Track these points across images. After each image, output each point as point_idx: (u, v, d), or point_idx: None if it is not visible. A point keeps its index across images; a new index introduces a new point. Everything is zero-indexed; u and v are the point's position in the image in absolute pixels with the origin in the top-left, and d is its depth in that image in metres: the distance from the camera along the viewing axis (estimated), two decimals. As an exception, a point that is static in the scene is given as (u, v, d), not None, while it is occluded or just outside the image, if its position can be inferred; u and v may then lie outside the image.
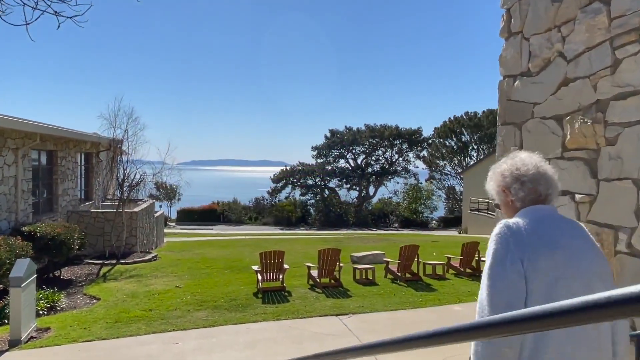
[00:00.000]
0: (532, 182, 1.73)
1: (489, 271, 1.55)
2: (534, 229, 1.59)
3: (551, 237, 1.57)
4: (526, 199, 1.72)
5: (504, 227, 1.61)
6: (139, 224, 16.35)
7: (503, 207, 1.83)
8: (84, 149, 17.70)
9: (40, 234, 10.89)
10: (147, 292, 9.54)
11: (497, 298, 1.48)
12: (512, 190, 1.75)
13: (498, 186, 1.82)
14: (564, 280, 1.50)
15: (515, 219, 1.67)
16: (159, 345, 6.24)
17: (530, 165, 1.75)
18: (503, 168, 1.81)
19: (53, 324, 7.25)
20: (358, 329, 6.98)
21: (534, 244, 1.54)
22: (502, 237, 1.58)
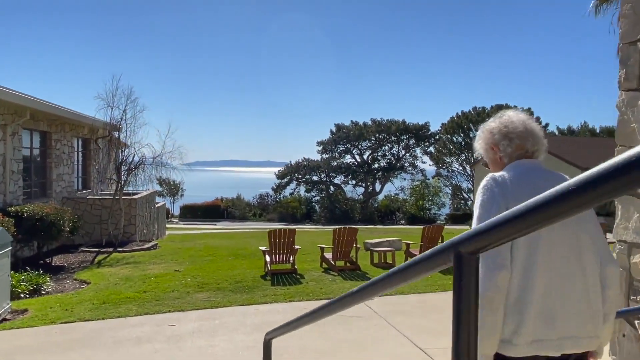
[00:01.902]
0: (519, 139, 1.77)
1: (477, 221, 1.60)
2: (519, 179, 1.65)
3: (535, 186, 1.60)
4: (513, 155, 1.76)
5: (490, 179, 1.67)
6: (139, 211, 15.39)
7: (491, 164, 1.86)
8: (81, 133, 16.75)
9: (27, 214, 9.95)
10: (142, 275, 8.58)
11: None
12: (500, 146, 1.79)
13: (487, 144, 1.84)
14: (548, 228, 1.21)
15: (501, 172, 1.71)
16: (151, 327, 5.28)
17: (518, 122, 1.80)
18: (492, 126, 1.84)
19: (32, 306, 6.30)
20: (384, 311, 6.00)
21: (518, 192, 1.59)
22: (488, 188, 1.64)
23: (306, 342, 4.77)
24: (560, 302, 1.58)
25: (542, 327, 1.56)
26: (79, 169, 17.34)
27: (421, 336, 4.92)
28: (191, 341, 4.82)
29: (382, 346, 4.80)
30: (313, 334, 5.06)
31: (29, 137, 13.12)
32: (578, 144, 31.60)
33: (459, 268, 0.92)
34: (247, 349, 4.60)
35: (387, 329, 5.29)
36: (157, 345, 4.70)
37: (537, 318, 1.56)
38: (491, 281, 1.51)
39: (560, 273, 1.59)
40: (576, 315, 1.59)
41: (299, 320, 2.11)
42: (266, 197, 49.88)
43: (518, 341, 1.56)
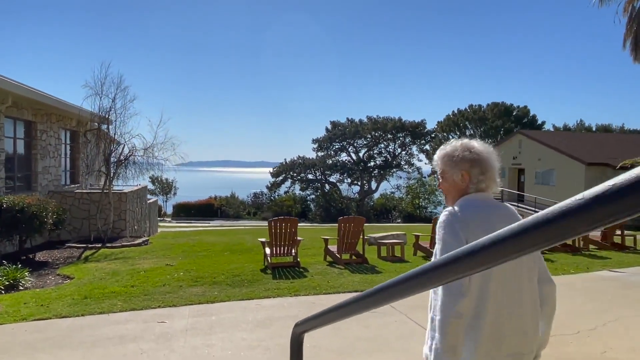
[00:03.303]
0: (492, 173, 1.85)
1: (440, 253, 1.68)
2: (476, 215, 1.73)
3: (490, 223, 1.69)
4: (479, 187, 1.82)
5: (449, 215, 1.74)
6: (129, 206, 14.64)
7: (452, 187, 1.86)
8: (69, 125, 15.96)
9: (7, 205, 9.20)
10: (131, 270, 7.86)
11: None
12: (472, 176, 1.82)
13: (460, 169, 1.83)
14: None
15: (458, 206, 1.78)
16: (137, 324, 4.58)
17: (491, 158, 1.86)
18: (471, 153, 1.84)
19: (4, 301, 5.58)
20: (402, 305, 5.34)
21: (476, 229, 1.67)
22: (449, 223, 1.71)
23: (318, 341, 4.11)
24: (508, 321, 1.69)
25: (493, 347, 1.67)
26: (66, 163, 16.55)
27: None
28: (184, 340, 4.13)
29: (406, 345, 4.14)
30: (324, 331, 4.39)
31: (12, 127, 12.35)
32: (580, 139, 31.16)
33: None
34: (249, 349, 3.92)
35: (409, 326, 4.64)
36: (144, 344, 4.01)
37: (489, 339, 1.66)
38: (454, 309, 1.58)
39: (508, 295, 1.70)
40: (520, 333, 1.71)
41: (341, 309, 1.44)
42: (260, 195, 49.15)
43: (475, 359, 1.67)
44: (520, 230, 0.71)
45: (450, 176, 1.86)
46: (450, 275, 0.92)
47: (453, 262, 0.88)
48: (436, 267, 0.96)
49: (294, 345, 1.64)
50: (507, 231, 0.75)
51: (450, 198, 1.88)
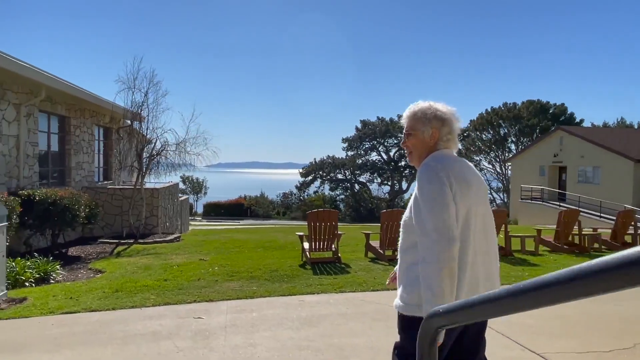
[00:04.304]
0: (456, 134, 1.96)
1: (431, 202, 1.73)
2: (453, 167, 1.82)
3: (464, 174, 1.83)
4: (447, 145, 1.92)
5: (431, 167, 1.80)
6: (161, 203, 14.44)
7: (420, 144, 1.93)
8: (102, 122, 15.91)
9: (39, 197, 9.01)
10: (163, 264, 7.52)
11: (443, 224, 1.70)
12: (442, 134, 1.91)
13: (432, 127, 1.90)
14: (474, 207, 1.82)
15: (433, 159, 1.85)
16: (172, 319, 4.16)
17: (458, 123, 1.98)
18: (442, 112, 1.93)
19: (33, 294, 5.27)
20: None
21: (457, 179, 1.78)
22: (435, 173, 1.77)
23: (376, 342, 3.60)
24: (482, 267, 1.85)
25: (472, 289, 1.78)
26: (99, 159, 16.51)
27: (530, 337, 3.70)
28: (224, 338, 3.68)
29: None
30: (381, 331, 3.88)
31: (47, 121, 12.27)
32: (627, 135, 29.57)
33: None
34: (298, 350, 3.43)
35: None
36: (180, 342, 3.57)
37: (469, 283, 1.77)
38: (449, 253, 1.68)
39: (481, 244, 1.85)
40: (490, 277, 1.88)
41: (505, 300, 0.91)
42: (290, 195, 48.89)
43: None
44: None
45: (420, 133, 1.91)
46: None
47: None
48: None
49: (425, 341, 1.12)
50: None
51: (417, 156, 1.94)
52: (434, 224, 1.68)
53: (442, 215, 1.69)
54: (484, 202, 1.89)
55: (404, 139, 2.00)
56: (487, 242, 1.88)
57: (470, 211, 1.78)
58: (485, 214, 1.88)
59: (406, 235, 1.85)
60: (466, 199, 1.77)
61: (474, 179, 1.87)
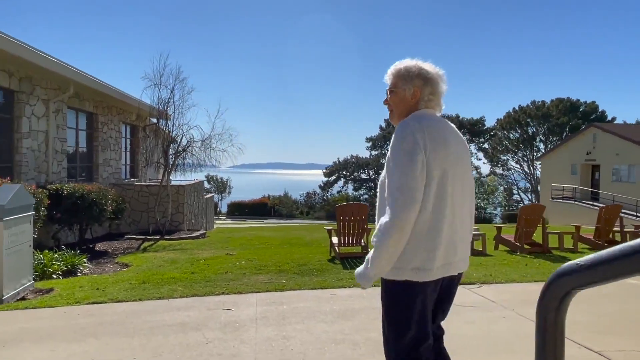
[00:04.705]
0: (440, 95, 1.91)
1: (401, 160, 1.71)
2: (432, 128, 1.78)
3: (444, 136, 1.79)
4: (428, 105, 1.88)
5: (411, 124, 1.76)
6: (187, 200, 14.44)
7: (401, 102, 1.90)
8: (129, 119, 16.01)
9: (67, 192, 9.03)
10: (190, 258, 7.41)
11: (407, 185, 1.67)
12: (423, 93, 1.87)
13: (414, 85, 1.87)
14: (452, 169, 1.77)
15: (414, 119, 1.80)
16: (200, 311, 3.99)
17: (443, 84, 1.92)
18: (426, 71, 1.89)
19: (60, 285, 5.19)
20: (503, 300, 4.49)
21: (434, 140, 1.74)
22: (410, 133, 1.73)
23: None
24: (460, 230, 1.83)
25: (449, 252, 1.78)
26: (126, 157, 16.62)
27: (584, 335, 3.40)
28: (255, 330, 3.49)
29: (531, 346, 3.30)
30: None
31: (75, 118, 12.36)
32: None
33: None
34: (334, 343, 3.21)
35: (523, 323, 3.78)
36: (209, 333, 3.40)
37: (446, 245, 1.76)
38: (405, 214, 1.65)
39: (457, 206, 1.81)
40: (466, 241, 1.89)
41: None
42: (313, 195, 48.76)
43: (432, 265, 1.72)
44: None
45: (402, 91, 1.88)
46: None
47: None
48: None
49: (552, 305, 0.87)
50: None
51: (397, 114, 1.91)
52: (398, 183, 1.68)
53: (407, 174, 1.68)
54: (463, 165, 1.86)
55: (387, 97, 1.95)
56: (465, 205, 1.86)
57: (446, 173, 1.75)
58: (464, 177, 1.86)
59: (382, 194, 1.81)
60: (442, 161, 1.74)
61: (454, 141, 1.84)
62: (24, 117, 9.44)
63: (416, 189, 1.66)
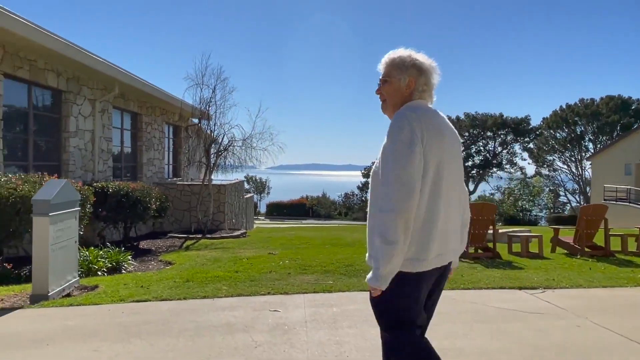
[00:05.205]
0: (433, 87, 1.91)
1: (400, 151, 1.68)
2: (427, 118, 1.77)
3: (439, 127, 1.79)
4: (422, 96, 1.87)
5: (408, 114, 1.75)
6: (228, 199, 14.45)
7: (396, 92, 1.88)
8: (172, 120, 16.21)
9: (112, 190, 9.12)
10: (233, 257, 7.28)
11: (406, 176, 1.65)
12: (418, 84, 1.86)
13: (409, 76, 1.86)
14: (448, 161, 1.78)
15: (410, 109, 1.79)
16: (246, 311, 3.80)
17: (436, 76, 1.91)
18: (421, 62, 1.88)
19: (105, 282, 5.13)
20: (572, 306, 4.09)
21: (430, 131, 1.73)
22: (407, 123, 1.71)
23: (486, 347, 3.04)
24: (452, 222, 1.83)
25: (443, 243, 1.78)
26: (169, 156, 16.84)
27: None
28: (305, 334, 3.26)
29: (612, 357, 2.93)
30: (486, 334, 3.31)
31: (120, 118, 12.56)
32: None
33: None
34: (392, 351, 2.94)
35: (602, 333, 3.39)
36: (257, 336, 3.19)
37: (440, 235, 1.76)
38: (408, 203, 1.64)
39: (450, 198, 1.81)
40: (457, 232, 1.90)
41: None
42: (352, 196, 48.43)
43: (426, 256, 1.73)
44: None
45: (397, 81, 1.86)
46: None
47: None
48: None
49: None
50: None
51: (391, 105, 1.88)
52: (397, 174, 1.65)
53: (406, 165, 1.65)
54: (457, 158, 1.86)
55: (379, 86, 1.92)
56: (455, 196, 1.85)
57: (442, 164, 1.74)
58: (457, 168, 1.87)
59: (376, 186, 1.79)
60: (439, 152, 1.73)
61: (448, 133, 1.83)
62: (71, 117, 9.60)
63: (416, 180, 1.65)
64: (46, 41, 7.63)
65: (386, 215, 1.62)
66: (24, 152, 8.43)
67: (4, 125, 7.52)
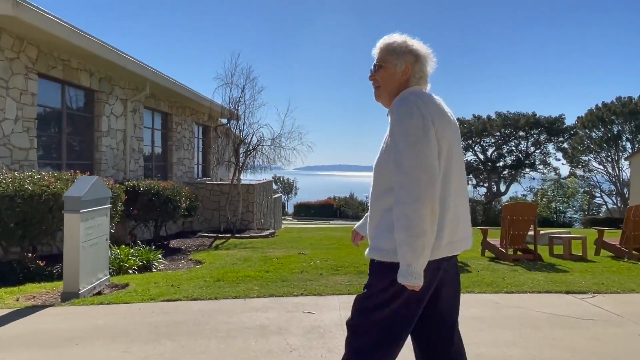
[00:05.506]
0: (428, 74, 1.84)
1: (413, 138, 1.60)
2: (433, 103, 1.71)
3: (445, 112, 1.74)
4: (419, 83, 1.80)
5: (414, 100, 1.67)
6: (256, 199, 14.42)
7: (392, 79, 1.81)
8: (201, 120, 16.30)
9: (143, 188, 9.15)
10: (263, 257, 7.17)
11: (426, 161, 1.57)
12: (414, 70, 1.80)
13: (405, 62, 1.79)
14: (454, 146, 1.73)
15: (413, 94, 1.72)
16: (279, 313, 3.65)
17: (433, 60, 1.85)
18: (417, 48, 1.82)
19: (135, 280, 5.07)
20: (629, 313, 3.79)
21: (439, 116, 1.68)
22: (416, 108, 1.64)
23: (539, 356, 2.80)
24: (462, 209, 1.76)
25: (454, 230, 1.69)
26: (198, 156, 16.95)
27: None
28: (341, 338, 3.08)
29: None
30: (538, 342, 3.06)
31: (150, 117, 12.66)
32: None
33: None
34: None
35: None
36: (292, 339, 3.03)
37: (451, 222, 1.67)
38: (432, 191, 1.55)
39: (460, 185, 1.77)
40: (467, 219, 1.80)
41: None
42: (380, 197, 47.96)
43: (438, 244, 1.63)
44: None
45: (392, 66, 1.79)
46: None
47: None
48: None
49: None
50: None
51: (386, 91, 1.81)
52: (415, 162, 1.57)
53: (424, 151, 1.57)
54: (459, 143, 1.82)
55: (373, 72, 1.83)
56: (463, 182, 1.82)
57: (451, 149, 1.70)
58: (461, 155, 1.84)
59: (380, 179, 1.71)
60: (448, 136, 1.68)
61: (452, 118, 1.79)
62: (104, 116, 9.69)
63: (435, 165, 1.58)
64: (80, 41, 7.68)
65: (409, 207, 1.52)
66: (58, 152, 8.52)
67: (38, 125, 7.60)
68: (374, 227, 1.73)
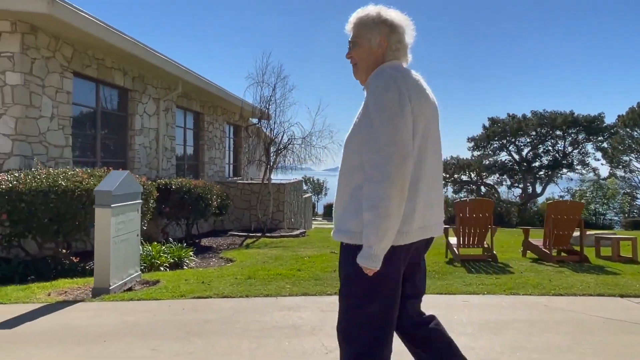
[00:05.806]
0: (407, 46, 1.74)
1: (387, 113, 1.52)
2: (410, 77, 1.63)
3: (423, 88, 1.65)
4: (396, 55, 1.71)
5: (393, 74, 1.59)
6: (287, 198, 14.35)
7: (367, 54, 1.71)
8: (232, 120, 16.34)
9: (175, 186, 9.16)
10: (294, 255, 7.03)
11: (400, 138, 1.49)
12: (390, 42, 1.70)
13: (380, 34, 1.69)
14: (432, 125, 1.65)
15: (393, 67, 1.64)
16: (313, 312, 3.49)
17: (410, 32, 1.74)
18: (392, 17, 1.71)
19: (166, 277, 5.00)
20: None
21: (416, 91, 1.59)
22: (393, 81, 1.56)
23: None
24: (435, 192, 1.68)
25: (426, 214, 1.62)
26: (229, 156, 17.00)
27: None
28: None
29: None
30: (599, 348, 2.79)
31: (183, 117, 12.74)
32: None
33: None
34: (487, 364, 2.51)
35: None
36: (327, 340, 2.86)
37: (423, 206, 1.60)
38: (403, 169, 1.47)
39: (435, 168, 1.67)
40: (439, 205, 1.73)
41: None
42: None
43: (410, 228, 1.56)
44: None
45: (367, 41, 1.69)
46: None
47: None
48: None
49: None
50: None
51: (363, 68, 1.71)
52: (388, 138, 1.49)
53: (398, 128, 1.49)
54: (437, 124, 1.72)
55: (349, 49, 1.74)
56: (438, 165, 1.72)
57: (428, 128, 1.62)
58: (438, 136, 1.73)
59: (350, 155, 1.61)
60: (425, 114, 1.60)
61: (431, 96, 1.70)
62: (137, 115, 9.76)
63: (409, 142, 1.50)
64: (114, 39, 7.73)
65: (378, 185, 1.44)
66: (92, 150, 8.61)
67: (73, 123, 7.68)
68: (341, 208, 1.61)
